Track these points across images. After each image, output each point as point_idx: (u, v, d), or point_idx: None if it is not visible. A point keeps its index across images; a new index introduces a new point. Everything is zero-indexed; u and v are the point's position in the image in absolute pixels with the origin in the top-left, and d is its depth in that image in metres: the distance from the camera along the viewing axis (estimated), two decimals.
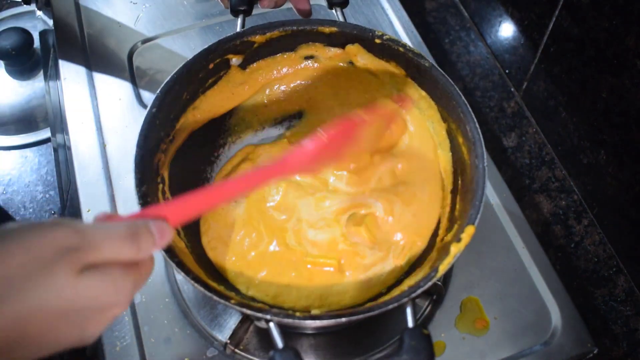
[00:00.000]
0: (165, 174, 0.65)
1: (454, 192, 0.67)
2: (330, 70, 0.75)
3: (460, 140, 0.64)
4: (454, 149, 0.67)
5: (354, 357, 0.69)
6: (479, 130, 0.62)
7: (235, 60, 0.70)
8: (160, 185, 0.64)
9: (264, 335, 0.70)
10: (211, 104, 0.72)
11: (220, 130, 0.76)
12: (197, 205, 0.48)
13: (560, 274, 0.76)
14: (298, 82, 0.77)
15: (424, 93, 0.69)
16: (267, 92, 0.76)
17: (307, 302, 0.64)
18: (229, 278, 0.66)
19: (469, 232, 0.57)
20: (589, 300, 0.82)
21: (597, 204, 0.82)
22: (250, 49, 0.70)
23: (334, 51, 0.73)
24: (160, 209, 0.45)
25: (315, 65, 0.75)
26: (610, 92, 0.73)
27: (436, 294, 0.72)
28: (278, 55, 0.74)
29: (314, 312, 0.62)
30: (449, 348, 0.69)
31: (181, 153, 0.69)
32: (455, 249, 0.56)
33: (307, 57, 0.75)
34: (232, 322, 0.69)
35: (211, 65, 0.68)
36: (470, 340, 0.70)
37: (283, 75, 0.76)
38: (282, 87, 0.77)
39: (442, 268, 0.55)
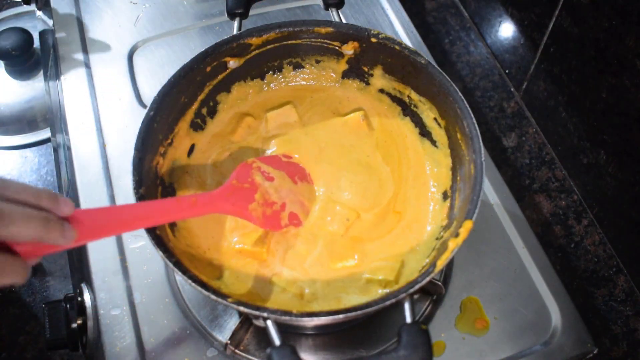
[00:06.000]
0: (165, 177, 0.65)
1: (453, 189, 0.67)
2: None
3: (459, 136, 0.65)
4: (453, 145, 0.68)
5: (354, 358, 0.69)
6: (476, 125, 0.62)
7: (232, 63, 0.70)
8: (160, 188, 0.63)
9: (265, 336, 0.70)
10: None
11: None
12: (120, 224, 0.51)
13: (560, 274, 0.76)
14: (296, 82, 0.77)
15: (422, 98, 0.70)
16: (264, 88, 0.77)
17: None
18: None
19: (466, 226, 0.57)
20: (589, 300, 0.82)
21: (597, 204, 0.82)
22: (247, 51, 0.70)
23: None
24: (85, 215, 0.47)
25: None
26: (610, 92, 0.73)
27: (436, 294, 0.72)
28: None
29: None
30: (449, 348, 0.69)
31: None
32: (453, 244, 0.56)
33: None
34: (232, 322, 0.69)
35: (208, 69, 0.68)
36: (470, 340, 0.70)
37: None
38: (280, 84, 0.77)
39: (440, 263, 0.55)
